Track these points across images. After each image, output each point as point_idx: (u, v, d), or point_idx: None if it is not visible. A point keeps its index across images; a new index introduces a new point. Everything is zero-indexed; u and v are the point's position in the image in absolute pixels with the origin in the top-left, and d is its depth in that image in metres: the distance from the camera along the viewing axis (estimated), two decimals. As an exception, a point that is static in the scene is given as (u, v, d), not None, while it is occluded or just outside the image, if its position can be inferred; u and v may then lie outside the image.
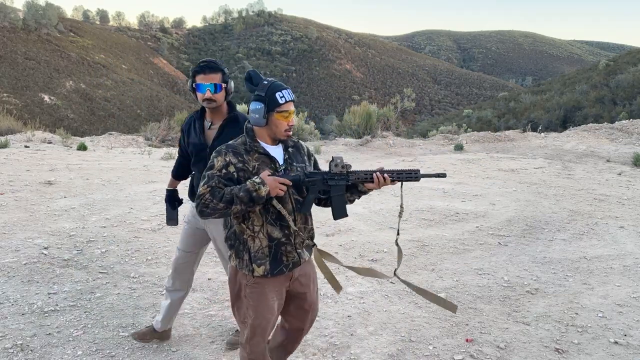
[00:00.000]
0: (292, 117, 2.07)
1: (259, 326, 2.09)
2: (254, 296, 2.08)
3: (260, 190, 1.92)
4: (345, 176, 2.09)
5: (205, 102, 2.55)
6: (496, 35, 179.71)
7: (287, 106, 2.03)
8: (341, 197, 2.12)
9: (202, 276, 4.08)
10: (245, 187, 1.92)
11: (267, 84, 2.04)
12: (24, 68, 56.84)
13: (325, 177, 2.08)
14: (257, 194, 1.92)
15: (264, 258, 2.05)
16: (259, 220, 2.04)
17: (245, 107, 15.76)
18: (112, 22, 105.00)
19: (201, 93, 2.53)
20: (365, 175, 2.09)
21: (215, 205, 1.92)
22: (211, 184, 1.96)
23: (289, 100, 2.04)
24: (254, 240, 2.05)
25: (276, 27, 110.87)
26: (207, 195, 1.94)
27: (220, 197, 1.92)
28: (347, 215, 2.16)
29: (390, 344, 3.12)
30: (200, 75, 2.52)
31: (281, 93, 2.01)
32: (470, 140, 14.27)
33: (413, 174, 2.11)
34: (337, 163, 2.08)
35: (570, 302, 3.76)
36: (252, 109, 2.03)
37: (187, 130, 2.75)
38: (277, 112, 2.01)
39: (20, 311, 3.35)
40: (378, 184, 2.08)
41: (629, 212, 6.40)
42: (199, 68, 2.53)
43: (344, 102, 72.58)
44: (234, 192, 1.93)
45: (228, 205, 1.92)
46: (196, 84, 2.53)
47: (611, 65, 34.33)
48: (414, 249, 4.92)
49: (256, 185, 1.92)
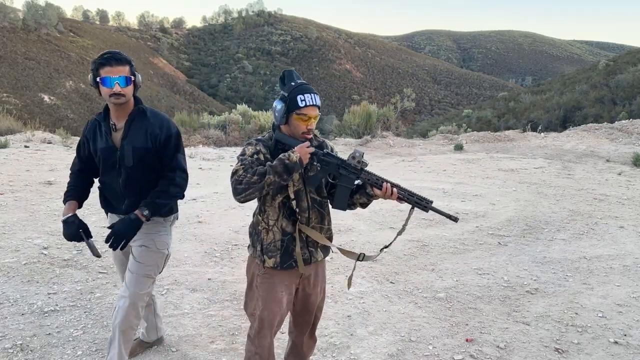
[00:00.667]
0: (313, 121, 2.06)
1: (266, 318, 2.13)
2: (264, 287, 2.13)
3: (291, 157, 1.94)
4: (357, 171, 2.08)
5: (113, 97, 2.26)
6: (496, 35, 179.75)
7: (306, 110, 2.02)
8: (346, 190, 2.10)
9: (202, 276, 4.08)
10: (278, 157, 1.96)
11: (293, 85, 2.04)
12: (24, 68, 56.82)
13: (339, 164, 2.08)
14: (289, 161, 1.93)
15: (275, 251, 2.09)
16: (274, 214, 2.08)
17: (244, 108, 15.77)
18: (111, 22, 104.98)
19: (108, 87, 2.24)
20: (376, 180, 2.07)
21: (250, 179, 1.93)
22: (244, 162, 1.99)
23: (310, 104, 2.01)
24: (267, 233, 2.10)
25: (276, 27, 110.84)
26: (241, 171, 1.95)
27: (253, 172, 1.94)
28: (345, 210, 2.15)
29: (390, 344, 3.12)
30: (107, 68, 2.23)
31: (303, 96, 2.00)
32: (470, 140, 14.27)
33: (423, 203, 2.07)
34: (355, 156, 2.07)
35: (570, 302, 3.76)
36: (274, 106, 2.07)
37: (91, 136, 2.43)
38: (296, 113, 2.02)
39: (20, 311, 3.35)
40: (384, 194, 2.05)
41: (629, 212, 6.40)
42: (104, 60, 2.24)
43: (343, 102, 72.62)
44: (267, 165, 1.96)
45: (261, 177, 1.92)
46: (102, 78, 2.23)
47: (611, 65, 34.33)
48: (414, 249, 4.92)
49: (287, 154, 1.96)
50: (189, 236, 5.09)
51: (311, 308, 2.27)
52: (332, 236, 2.27)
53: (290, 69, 2.12)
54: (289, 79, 2.08)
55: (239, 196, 1.95)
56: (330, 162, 2.07)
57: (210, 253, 4.64)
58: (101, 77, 2.23)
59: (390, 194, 2.04)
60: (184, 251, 4.65)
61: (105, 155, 2.40)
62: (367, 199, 2.15)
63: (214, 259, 4.49)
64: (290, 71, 2.11)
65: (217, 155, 11.15)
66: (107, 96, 2.27)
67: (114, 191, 2.46)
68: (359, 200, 2.16)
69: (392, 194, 2.04)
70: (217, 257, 4.56)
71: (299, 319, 2.33)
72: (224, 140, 14.42)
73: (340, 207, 2.13)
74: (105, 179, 2.47)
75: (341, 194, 2.11)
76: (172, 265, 4.29)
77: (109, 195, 2.50)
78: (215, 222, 5.60)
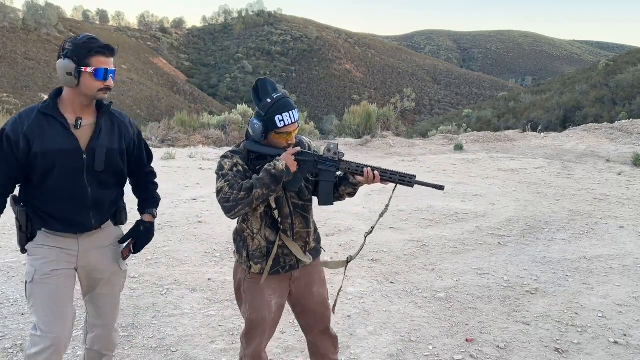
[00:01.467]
0: (293, 135, 2.04)
1: (254, 321, 2.12)
2: (251, 291, 2.11)
3: (277, 165, 1.91)
4: (336, 163, 2.05)
5: (101, 92, 1.98)
6: (496, 35, 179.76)
7: (286, 129, 1.97)
8: (329, 185, 2.08)
9: (202, 276, 4.08)
10: (264, 169, 1.93)
11: (269, 103, 1.95)
12: (24, 68, 56.84)
13: (317, 160, 2.05)
14: (275, 170, 1.90)
15: (261, 257, 2.07)
16: (257, 224, 2.06)
17: (244, 108, 15.76)
18: (111, 22, 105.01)
19: (101, 80, 1.94)
20: (356, 168, 2.05)
21: (236, 196, 1.89)
22: (227, 178, 1.94)
23: (289, 124, 1.96)
24: (252, 240, 2.07)
25: (276, 27, 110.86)
26: (226, 188, 1.91)
27: (240, 188, 1.90)
28: (332, 204, 2.12)
29: (390, 344, 3.12)
30: (101, 58, 1.93)
31: (281, 117, 1.94)
32: (470, 140, 14.27)
33: (407, 179, 2.04)
34: (330, 149, 2.06)
35: (570, 302, 3.76)
36: (252, 123, 2.00)
37: (37, 133, 1.94)
38: (275, 132, 1.98)
39: (20, 311, 3.35)
40: (367, 179, 2.03)
41: (629, 212, 6.40)
42: (100, 48, 1.93)
43: (343, 102, 72.58)
44: (253, 178, 1.92)
45: (248, 192, 1.89)
46: (96, 69, 1.91)
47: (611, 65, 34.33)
48: (414, 249, 4.92)
49: (273, 163, 1.93)
50: (189, 236, 5.09)
51: (311, 307, 2.25)
52: (319, 238, 2.25)
53: (264, 79, 2.04)
54: (263, 92, 1.99)
55: (229, 214, 1.92)
56: (306, 160, 2.03)
57: (210, 253, 4.64)
58: (93, 67, 1.91)
59: (372, 177, 2.02)
60: (184, 251, 4.65)
61: (64, 159, 1.97)
62: (352, 189, 2.13)
63: (214, 259, 4.49)
64: (264, 81, 2.01)
65: (217, 155, 11.15)
66: (95, 90, 1.95)
67: (76, 203, 2.05)
68: (346, 192, 2.14)
69: (374, 178, 2.02)
70: (217, 257, 4.56)
71: (302, 321, 2.31)
72: (224, 140, 14.41)
73: (326, 202, 2.10)
74: (62, 188, 2.01)
75: (325, 190, 2.08)
76: (172, 265, 4.29)
77: (65, 208, 2.04)
78: (215, 222, 5.60)
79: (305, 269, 2.19)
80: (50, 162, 1.96)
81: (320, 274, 2.29)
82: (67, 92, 1.98)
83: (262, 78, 2.06)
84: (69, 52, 1.90)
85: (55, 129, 1.96)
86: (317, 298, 2.25)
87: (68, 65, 1.89)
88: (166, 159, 10.32)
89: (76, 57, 1.89)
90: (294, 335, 3.20)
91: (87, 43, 1.91)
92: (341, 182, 2.14)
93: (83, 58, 1.90)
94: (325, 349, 2.35)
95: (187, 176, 8.38)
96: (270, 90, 2.00)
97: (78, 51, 1.90)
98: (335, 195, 2.16)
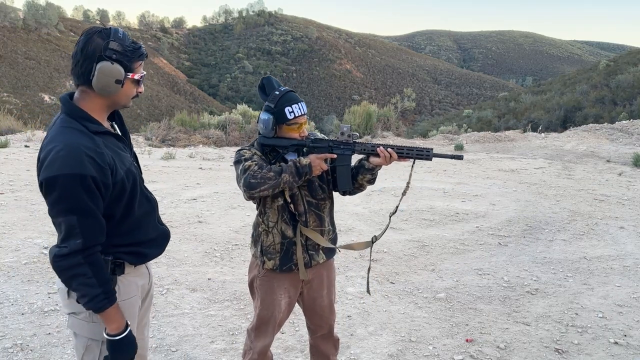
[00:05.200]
0: (304, 127, 2.04)
1: (263, 317, 2.15)
2: (263, 288, 2.13)
3: (301, 160, 1.94)
4: (350, 145, 2.04)
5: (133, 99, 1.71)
6: (496, 35, 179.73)
7: (297, 120, 2.00)
8: (346, 168, 2.06)
9: (202, 276, 4.08)
10: (290, 160, 1.97)
11: (277, 95, 1.98)
12: (24, 68, 56.83)
13: (331, 145, 2.04)
14: (299, 163, 1.93)
15: (275, 254, 2.08)
16: (274, 217, 2.06)
17: (244, 108, 15.75)
18: (112, 22, 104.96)
19: (139, 87, 1.69)
20: (372, 148, 2.02)
21: (265, 174, 1.89)
22: (254, 159, 1.95)
23: (299, 115, 1.99)
24: (267, 235, 2.08)
25: (276, 27, 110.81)
26: (254, 167, 1.91)
27: (269, 168, 1.92)
28: (352, 188, 2.10)
29: (390, 344, 3.12)
30: (142, 63, 1.68)
31: (291, 108, 1.97)
32: (471, 140, 14.26)
33: (424, 152, 1.98)
34: (344, 132, 2.04)
35: (571, 303, 3.75)
36: (262, 118, 2.01)
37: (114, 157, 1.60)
38: (286, 124, 2.00)
39: (20, 311, 3.35)
40: (385, 159, 1.99)
41: (629, 212, 6.40)
42: (144, 53, 1.67)
43: (344, 102, 72.59)
44: (281, 164, 1.95)
45: (277, 174, 1.90)
46: (142, 75, 1.67)
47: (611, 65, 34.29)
48: (414, 249, 4.92)
49: (298, 158, 1.97)
50: (189, 236, 5.08)
51: (319, 311, 2.26)
52: (336, 237, 2.26)
53: (269, 76, 2.07)
54: (269, 88, 2.03)
55: (252, 190, 1.87)
56: (321, 146, 2.04)
57: (210, 253, 4.64)
58: (138, 74, 1.65)
59: (389, 156, 1.99)
60: (184, 251, 4.65)
61: (134, 178, 1.68)
62: (370, 174, 2.10)
63: (214, 259, 4.49)
64: (269, 78, 2.06)
65: (217, 155, 11.14)
66: (130, 98, 1.67)
67: (155, 224, 1.79)
68: (365, 179, 2.11)
69: (391, 156, 1.99)
70: (217, 257, 4.56)
71: (309, 322, 2.33)
72: (224, 140, 14.41)
73: (346, 187, 2.08)
74: (144, 212, 1.73)
75: (343, 174, 2.06)
76: (172, 265, 4.29)
77: (152, 233, 1.76)
78: (215, 222, 5.60)
79: (318, 270, 2.19)
80: (127, 185, 1.63)
81: (331, 278, 2.29)
82: (93, 99, 1.60)
83: (267, 76, 2.08)
84: (117, 56, 1.56)
85: (116, 145, 1.66)
86: (325, 301, 2.26)
87: (119, 72, 1.56)
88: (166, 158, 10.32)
89: (126, 62, 1.59)
90: (294, 335, 3.20)
91: (138, 48, 1.64)
92: (358, 171, 2.12)
93: (131, 63, 1.61)
94: (327, 350, 2.37)
95: (187, 176, 8.38)
96: (275, 85, 2.04)
97: (127, 56, 1.59)
98: (355, 185, 2.14)
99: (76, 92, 1.62)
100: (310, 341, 2.41)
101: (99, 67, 1.52)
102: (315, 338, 2.36)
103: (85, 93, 1.60)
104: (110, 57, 1.54)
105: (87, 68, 1.54)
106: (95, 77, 1.53)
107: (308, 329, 2.37)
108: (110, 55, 1.54)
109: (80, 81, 1.57)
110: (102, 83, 1.54)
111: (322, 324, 2.30)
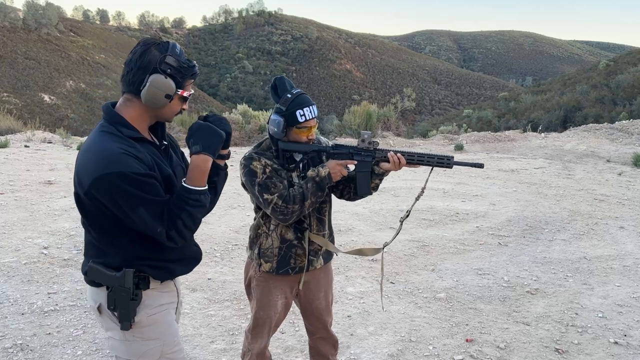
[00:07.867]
0: (313, 131, 2.04)
1: (260, 318, 2.16)
2: (259, 289, 2.14)
3: (320, 172, 1.96)
4: (371, 152, 2.04)
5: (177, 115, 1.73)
6: (496, 35, 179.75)
7: (307, 123, 1.99)
8: (366, 174, 2.06)
9: (202, 276, 4.08)
10: (307, 178, 1.98)
11: (290, 98, 1.97)
12: (24, 68, 56.83)
13: (352, 152, 2.04)
14: (319, 177, 1.95)
15: (272, 257, 2.08)
16: (275, 220, 2.05)
17: (244, 108, 15.75)
18: (112, 22, 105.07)
19: (184, 104, 1.70)
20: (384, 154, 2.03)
21: (292, 209, 1.94)
22: (272, 191, 1.94)
23: (310, 118, 1.98)
24: (266, 238, 2.09)
25: (276, 27, 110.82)
26: (279, 202, 1.93)
27: (293, 201, 1.95)
28: (371, 194, 2.10)
29: (390, 344, 3.12)
30: (192, 82, 1.70)
31: (302, 111, 1.96)
32: (471, 140, 14.26)
33: (445, 160, 1.98)
34: (365, 139, 2.04)
35: (570, 302, 3.76)
36: (272, 120, 2.00)
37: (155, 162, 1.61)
38: (296, 127, 1.99)
39: (20, 311, 3.35)
40: (394, 165, 2.00)
41: (629, 212, 6.40)
42: (197, 72, 1.68)
43: (344, 102, 72.61)
44: (302, 189, 1.96)
45: (301, 204, 1.95)
46: (190, 93, 1.68)
47: (611, 65, 34.30)
48: (414, 249, 4.92)
49: (316, 170, 1.97)
50: (189, 236, 5.08)
51: (316, 312, 2.26)
52: (333, 240, 2.26)
53: (282, 76, 2.06)
54: (282, 89, 2.02)
55: (284, 223, 2.00)
56: (342, 153, 2.04)
57: (210, 253, 4.64)
58: (188, 92, 1.66)
59: (398, 162, 2.00)
60: (184, 251, 4.65)
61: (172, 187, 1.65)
62: (379, 180, 2.10)
63: (214, 259, 4.49)
64: (282, 79, 2.04)
65: (217, 155, 11.18)
66: (174, 113, 1.68)
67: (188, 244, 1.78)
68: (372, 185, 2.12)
69: (400, 162, 2.00)
70: (217, 257, 4.56)
71: (306, 323, 2.34)
72: (224, 140, 14.40)
73: (364, 192, 2.09)
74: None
75: (362, 180, 2.07)
76: (172, 265, 4.29)
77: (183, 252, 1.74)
78: (215, 222, 5.60)
79: (315, 273, 2.19)
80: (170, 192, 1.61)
81: (328, 280, 2.29)
82: (136, 107, 1.60)
83: (279, 76, 2.07)
84: (171, 71, 1.57)
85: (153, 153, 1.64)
86: (322, 304, 2.26)
87: (171, 87, 1.57)
88: (166, 158, 10.31)
89: (179, 78, 1.59)
90: (294, 335, 3.20)
91: (192, 67, 1.63)
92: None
93: (183, 80, 1.61)
94: (326, 350, 2.38)
95: (187, 176, 8.37)
96: (288, 87, 2.02)
97: (181, 72, 1.60)
98: None
99: (120, 99, 1.63)
100: (309, 342, 2.42)
101: (152, 79, 1.54)
102: (314, 339, 2.37)
103: (129, 101, 1.60)
104: (164, 70, 1.55)
105: (139, 78, 1.55)
106: (146, 88, 1.54)
107: (307, 330, 2.38)
108: (165, 69, 1.55)
109: (128, 89, 1.58)
110: (152, 95, 1.55)
111: (320, 326, 2.32)
